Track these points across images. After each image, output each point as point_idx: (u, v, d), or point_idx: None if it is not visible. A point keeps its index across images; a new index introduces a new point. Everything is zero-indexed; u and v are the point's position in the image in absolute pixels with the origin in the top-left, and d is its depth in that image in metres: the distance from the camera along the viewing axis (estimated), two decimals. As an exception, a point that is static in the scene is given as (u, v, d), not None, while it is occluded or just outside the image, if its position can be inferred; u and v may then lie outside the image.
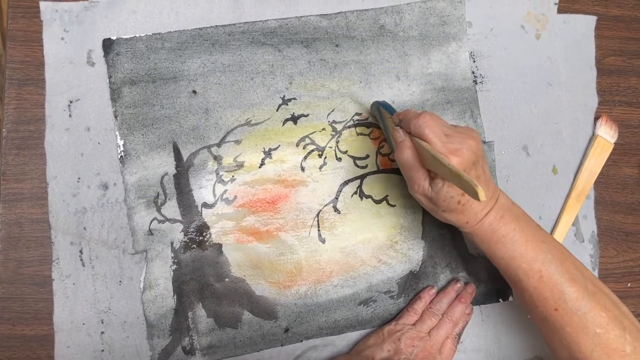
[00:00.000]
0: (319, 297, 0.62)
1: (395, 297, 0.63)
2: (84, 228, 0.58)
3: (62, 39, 0.59)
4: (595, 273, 0.68)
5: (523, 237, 0.53)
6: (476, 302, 0.65)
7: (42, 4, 0.58)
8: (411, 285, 0.63)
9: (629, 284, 0.69)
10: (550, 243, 0.54)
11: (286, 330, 0.61)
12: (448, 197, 0.51)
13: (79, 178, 0.58)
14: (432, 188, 0.51)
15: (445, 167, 0.46)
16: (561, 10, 0.69)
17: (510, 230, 0.53)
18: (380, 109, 0.59)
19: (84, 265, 0.58)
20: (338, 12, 0.63)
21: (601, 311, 0.51)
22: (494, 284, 0.65)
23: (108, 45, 0.59)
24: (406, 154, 0.52)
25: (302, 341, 0.62)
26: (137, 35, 0.59)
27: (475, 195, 0.42)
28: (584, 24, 0.70)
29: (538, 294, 0.52)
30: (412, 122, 0.51)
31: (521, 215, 0.54)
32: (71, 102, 0.59)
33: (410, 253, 0.63)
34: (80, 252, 0.58)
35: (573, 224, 0.68)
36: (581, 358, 0.51)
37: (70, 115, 0.58)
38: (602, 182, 0.69)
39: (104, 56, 0.59)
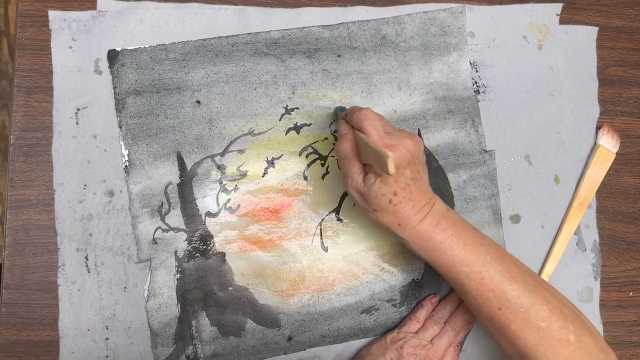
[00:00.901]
0: (322, 306, 0.62)
1: (397, 305, 0.63)
2: (90, 234, 0.59)
3: (70, 47, 0.60)
4: (597, 282, 0.68)
5: (461, 242, 0.53)
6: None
7: (50, 13, 0.60)
8: (414, 294, 0.64)
9: (630, 293, 0.69)
10: (487, 245, 0.54)
11: (289, 338, 0.62)
12: (379, 194, 0.51)
13: (85, 185, 0.59)
14: (364, 183, 0.51)
15: (370, 149, 0.48)
16: (563, 21, 0.70)
17: (447, 236, 0.53)
18: (337, 112, 0.61)
19: (89, 272, 0.59)
20: (340, 23, 0.64)
21: (542, 304, 0.52)
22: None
23: (113, 56, 0.60)
24: (345, 146, 0.53)
25: (305, 349, 0.62)
26: (142, 47, 0.60)
27: (385, 167, 0.43)
28: (586, 35, 0.71)
29: (481, 295, 0.53)
30: (354, 114, 0.53)
31: (457, 221, 0.55)
32: (78, 109, 0.60)
33: (412, 261, 0.64)
34: (86, 258, 0.59)
35: (575, 233, 0.68)
36: (528, 353, 0.52)
37: (77, 123, 0.59)
38: (604, 192, 0.69)
39: (109, 67, 0.60)
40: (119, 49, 0.60)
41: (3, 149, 1.35)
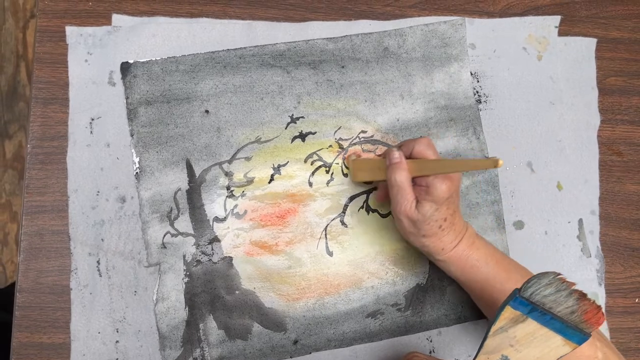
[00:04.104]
0: (327, 310, 0.63)
1: (402, 309, 0.64)
2: (102, 239, 0.61)
3: (86, 61, 0.63)
4: (602, 288, 0.68)
5: (494, 260, 0.57)
6: (483, 315, 0.65)
7: (68, 29, 0.63)
8: (418, 298, 0.64)
9: (636, 300, 0.69)
10: (515, 264, 0.59)
11: (295, 342, 0.62)
12: (432, 220, 0.54)
13: (98, 191, 0.61)
14: (418, 210, 0.54)
15: (450, 162, 0.52)
16: (561, 33, 0.72)
17: (482, 255, 0.57)
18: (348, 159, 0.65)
19: (100, 276, 0.61)
20: (344, 36, 0.66)
21: None
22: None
23: (125, 68, 0.63)
24: (400, 175, 0.55)
25: (310, 353, 0.63)
26: (153, 59, 0.63)
27: (494, 164, 0.46)
28: (585, 46, 0.72)
29: None
30: (416, 142, 0.55)
31: (488, 244, 0.59)
32: (93, 119, 0.62)
33: (416, 266, 0.65)
34: (98, 262, 0.61)
35: (580, 239, 0.68)
36: None
37: (91, 132, 0.62)
38: (607, 199, 0.70)
39: (122, 78, 0.63)
40: (131, 61, 0.63)
41: (19, 169, 1.39)
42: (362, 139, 0.65)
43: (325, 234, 0.64)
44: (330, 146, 0.65)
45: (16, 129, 1.39)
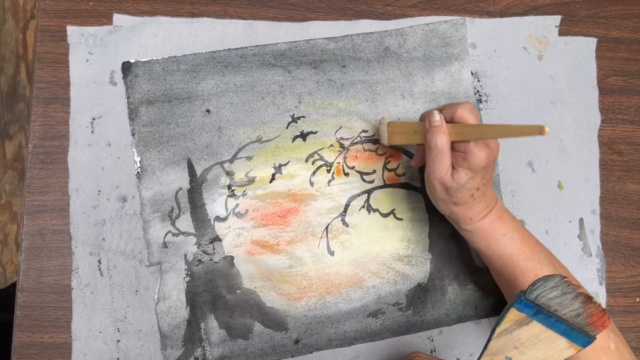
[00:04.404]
0: (329, 309, 0.63)
1: (403, 309, 0.64)
2: (103, 239, 0.61)
3: (87, 60, 0.63)
4: (603, 287, 0.68)
5: (520, 237, 0.56)
6: (485, 314, 0.65)
7: (69, 29, 0.63)
8: (419, 298, 0.64)
9: (637, 299, 0.69)
10: (540, 245, 0.58)
11: (296, 341, 0.62)
12: (466, 189, 0.53)
13: (100, 191, 0.61)
14: (453, 177, 0.53)
15: (492, 127, 0.52)
16: (562, 32, 0.72)
17: (509, 229, 0.56)
18: (381, 122, 0.63)
19: (102, 275, 0.61)
20: (345, 35, 0.66)
21: None
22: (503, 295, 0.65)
23: (127, 67, 0.63)
24: (441, 138, 0.53)
25: (312, 352, 0.63)
26: (154, 59, 0.63)
27: (540, 131, 0.46)
28: (585, 46, 0.72)
29: None
30: (458, 106, 0.54)
31: (515, 219, 0.58)
32: (94, 119, 0.62)
33: (417, 265, 0.65)
34: (99, 262, 0.61)
35: (580, 239, 0.69)
36: (572, 358, 0.52)
37: (92, 132, 0.62)
38: (608, 198, 0.70)
39: (123, 78, 0.63)
40: (132, 61, 0.63)
41: (19, 169, 1.38)
42: (364, 138, 0.66)
43: (327, 234, 0.64)
44: (331, 146, 0.65)
45: (16, 130, 1.39)
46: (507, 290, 0.58)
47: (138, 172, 0.62)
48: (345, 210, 0.65)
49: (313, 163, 0.65)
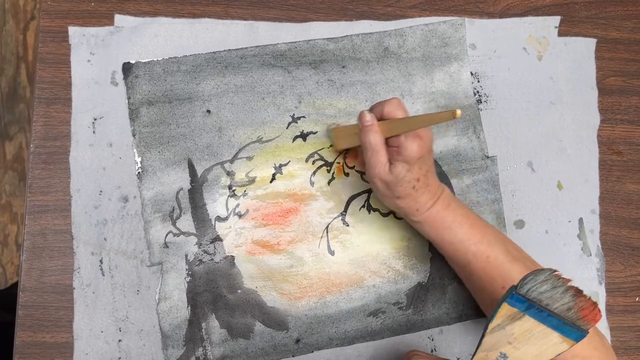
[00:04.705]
0: (329, 309, 0.63)
1: (404, 308, 0.64)
2: (105, 239, 0.61)
3: (89, 61, 0.63)
4: (602, 287, 0.68)
5: (469, 222, 0.57)
6: (484, 314, 0.65)
7: (70, 29, 0.63)
8: (419, 297, 0.65)
9: (637, 299, 0.69)
10: (491, 228, 0.59)
11: (297, 341, 0.63)
12: (405, 181, 0.54)
13: (101, 191, 0.62)
14: (391, 172, 0.54)
15: (415, 119, 0.52)
16: (561, 33, 0.72)
17: (457, 216, 0.57)
18: (329, 128, 0.65)
19: (103, 275, 0.61)
20: (344, 36, 0.66)
21: None
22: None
23: (127, 68, 0.63)
24: (373, 136, 0.55)
25: (313, 352, 0.63)
26: (155, 59, 0.63)
27: (453, 115, 0.47)
28: (584, 46, 0.73)
29: (486, 274, 0.56)
30: (386, 103, 0.55)
31: (464, 205, 0.59)
32: (95, 119, 0.62)
33: (418, 265, 0.65)
34: (101, 262, 0.61)
35: (580, 238, 0.69)
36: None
37: (94, 132, 0.62)
38: (607, 198, 0.70)
39: (124, 79, 0.63)
40: (133, 61, 0.63)
41: (20, 170, 1.39)
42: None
43: (327, 233, 0.64)
44: (331, 146, 0.65)
45: (16, 131, 1.40)
46: (464, 275, 0.59)
47: (139, 173, 0.62)
48: (345, 210, 0.65)
49: (313, 163, 0.65)
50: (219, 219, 0.63)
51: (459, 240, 0.57)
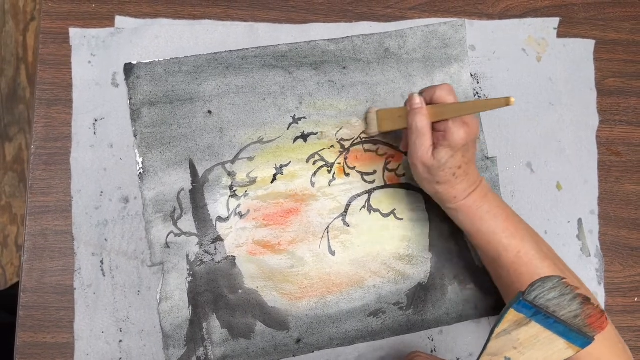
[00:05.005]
0: (330, 309, 0.64)
1: (404, 308, 0.65)
2: (105, 239, 0.61)
3: (90, 62, 0.63)
4: (602, 287, 0.69)
5: (504, 215, 0.57)
6: (485, 313, 0.66)
7: (71, 31, 0.63)
8: (420, 297, 0.65)
9: (636, 299, 0.69)
10: (525, 224, 0.59)
11: (298, 340, 0.63)
12: (447, 167, 0.54)
13: (102, 192, 0.62)
14: (434, 157, 0.54)
15: (466, 104, 0.53)
16: (560, 34, 0.73)
17: (493, 207, 0.57)
18: (368, 111, 0.66)
19: (104, 275, 0.61)
20: (345, 37, 0.67)
21: None
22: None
23: (129, 69, 0.63)
24: (421, 119, 0.55)
25: (313, 352, 0.63)
26: (156, 60, 0.64)
27: (507, 102, 0.48)
28: (583, 48, 0.73)
29: (515, 269, 0.56)
30: (437, 88, 0.55)
31: (500, 199, 0.60)
32: (96, 120, 0.63)
33: (418, 265, 0.65)
34: (101, 262, 0.61)
35: (579, 239, 0.69)
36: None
37: (95, 133, 0.62)
38: (606, 199, 0.71)
39: (125, 79, 0.63)
40: (134, 62, 0.63)
41: (19, 171, 1.39)
42: (364, 139, 0.66)
43: (328, 234, 0.64)
44: (332, 146, 0.65)
45: (16, 132, 1.40)
46: (492, 268, 0.60)
47: (140, 173, 0.62)
48: (346, 211, 0.65)
49: (314, 164, 0.65)
50: (220, 219, 0.63)
51: (492, 232, 0.57)
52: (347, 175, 0.65)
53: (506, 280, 0.57)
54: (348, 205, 0.65)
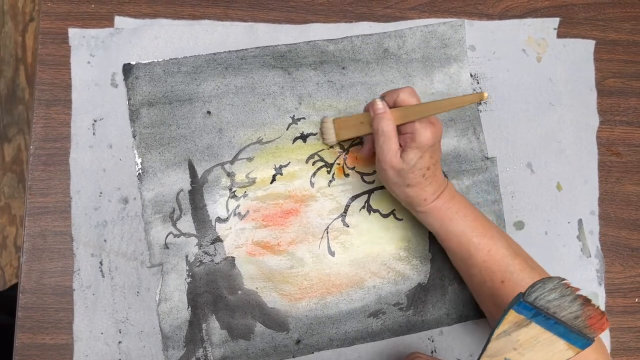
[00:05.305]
0: (329, 309, 0.63)
1: (404, 309, 0.64)
2: (105, 240, 0.61)
3: (89, 62, 0.63)
4: (602, 288, 0.69)
5: (473, 215, 0.58)
6: (485, 314, 0.66)
7: (70, 31, 0.63)
8: (420, 298, 0.65)
9: (636, 299, 0.69)
10: (493, 223, 0.60)
11: (298, 341, 0.63)
12: (417, 169, 0.55)
13: (101, 192, 0.62)
14: (403, 159, 0.55)
15: (436, 103, 0.53)
16: (560, 35, 0.73)
17: (462, 208, 0.58)
18: (323, 120, 0.65)
19: (103, 276, 0.61)
20: (344, 37, 0.67)
21: None
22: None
23: (128, 69, 0.63)
24: (386, 123, 0.55)
25: (313, 353, 0.63)
26: (155, 61, 0.63)
27: (480, 97, 0.48)
28: (583, 48, 0.73)
29: (487, 267, 0.57)
30: (399, 91, 0.56)
31: (466, 200, 0.61)
32: (95, 121, 0.62)
33: (418, 266, 0.65)
34: (101, 263, 0.61)
35: (580, 239, 0.69)
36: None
37: (94, 134, 0.62)
38: (606, 199, 0.70)
39: (124, 80, 0.63)
40: (133, 62, 0.63)
41: (18, 172, 1.39)
42: (364, 139, 0.66)
43: (327, 234, 0.64)
44: (331, 147, 0.65)
45: (15, 132, 1.40)
46: (464, 268, 0.60)
47: (139, 174, 0.62)
48: (345, 211, 0.65)
49: (313, 164, 0.65)
50: (219, 220, 0.63)
51: (462, 232, 0.57)
52: (347, 175, 0.65)
53: (478, 279, 0.58)
54: (347, 206, 0.65)
